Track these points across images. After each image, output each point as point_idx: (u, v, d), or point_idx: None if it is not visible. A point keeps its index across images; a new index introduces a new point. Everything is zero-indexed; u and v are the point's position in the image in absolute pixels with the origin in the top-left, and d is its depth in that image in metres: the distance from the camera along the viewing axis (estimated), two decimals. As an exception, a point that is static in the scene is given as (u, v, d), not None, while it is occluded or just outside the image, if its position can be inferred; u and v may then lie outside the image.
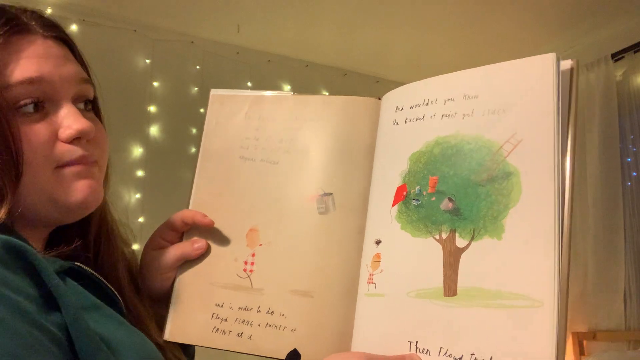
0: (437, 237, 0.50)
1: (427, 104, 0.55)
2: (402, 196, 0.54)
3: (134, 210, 2.62)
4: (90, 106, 0.59)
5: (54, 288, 0.43)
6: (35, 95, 0.52)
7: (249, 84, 3.08)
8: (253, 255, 0.61)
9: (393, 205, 0.54)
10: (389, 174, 0.56)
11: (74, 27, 2.62)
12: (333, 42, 3.10)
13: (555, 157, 0.46)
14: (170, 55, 2.90)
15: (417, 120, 0.55)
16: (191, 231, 0.64)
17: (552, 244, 0.44)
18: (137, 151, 2.75)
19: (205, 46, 2.97)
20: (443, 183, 0.51)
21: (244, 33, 2.94)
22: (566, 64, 0.49)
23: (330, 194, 0.59)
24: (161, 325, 0.63)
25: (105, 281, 0.54)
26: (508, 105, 0.50)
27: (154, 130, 2.83)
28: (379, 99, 0.61)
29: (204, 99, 3.00)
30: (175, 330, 0.61)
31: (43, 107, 0.53)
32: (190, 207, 0.65)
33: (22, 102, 0.51)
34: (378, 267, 0.54)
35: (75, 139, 0.53)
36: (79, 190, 0.54)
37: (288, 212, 0.60)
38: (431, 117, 0.54)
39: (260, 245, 0.61)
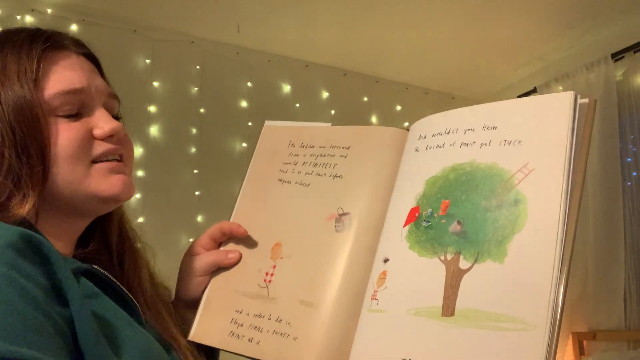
0: (442, 257, 0.52)
1: (449, 132, 0.58)
2: (414, 217, 0.56)
3: (134, 210, 2.62)
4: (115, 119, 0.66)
5: (64, 280, 0.45)
6: (75, 105, 0.58)
7: (249, 84, 3.08)
8: (274, 267, 0.65)
9: (405, 225, 0.56)
10: (405, 197, 0.59)
11: (74, 27, 2.63)
12: (333, 42, 3.10)
13: (564, 187, 0.48)
14: (170, 55, 2.91)
15: (437, 148, 0.58)
16: (227, 243, 0.70)
17: (550, 270, 0.45)
18: (137, 151, 2.75)
19: (205, 46, 2.98)
20: (454, 207, 0.53)
21: (244, 33, 2.94)
22: (583, 100, 0.52)
23: (348, 213, 0.63)
24: (188, 327, 0.67)
25: (120, 285, 0.57)
26: (524, 136, 0.52)
27: (154, 130, 2.83)
28: (407, 129, 0.65)
29: (204, 99, 3.03)
30: (198, 331, 0.66)
31: (79, 112, 0.59)
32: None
33: (62, 110, 0.57)
34: (383, 284, 0.55)
35: (108, 137, 0.60)
36: (114, 183, 0.59)
37: (309, 228, 0.65)
38: (451, 145, 0.57)
39: (281, 258, 0.65)
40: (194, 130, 2.92)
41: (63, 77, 0.58)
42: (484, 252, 0.49)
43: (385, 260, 0.57)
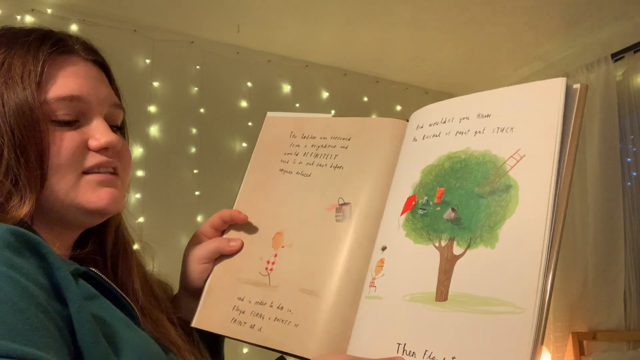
0: (437, 244, 0.52)
1: (444, 122, 0.58)
2: (410, 205, 0.57)
3: (134, 210, 2.62)
4: (117, 130, 0.65)
5: (62, 279, 0.46)
6: (72, 112, 0.58)
7: (249, 84, 3.08)
8: (275, 255, 0.66)
9: (402, 214, 0.57)
10: (402, 186, 0.59)
11: (74, 27, 2.63)
12: (333, 42, 3.10)
13: (553, 172, 0.48)
14: (170, 55, 2.91)
15: (434, 137, 0.59)
16: (229, 232, 0.71)
17: (539, 255, 0.46)
18: (137, 151, 2.75)
19: (205, 46, 2.98)
20: (449, 194, 0.54)
21: (244, 33, 2.94)
22: (575, 86, 0.52)
23: (348, 203, 0.64)
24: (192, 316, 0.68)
25: (117, 289, 0.57)
26: (516, 123, 0.53)
27: (154, 130, 2.83)
28: (407, 120, 0.65)
29: (204, 99, 3.03)
30: (201, 318, 0.67)
31: (77, 120, 0.59)
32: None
33: (59, 115, 0.57)
34: (381, 271, 0.56)
35: (103, 149, 0.59)
36: (101, 196, 0.59)
37: (310, 218, 0.66)
38: (446, 134, 0.58)
39: (282, 247, 0.66)
40: (194, 130, 2.92)
41: (64, 83, 0.58)
42: (477, 238, 0.50)
43: (383, 248, 0.57)
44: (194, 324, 0.67)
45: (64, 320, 0.44)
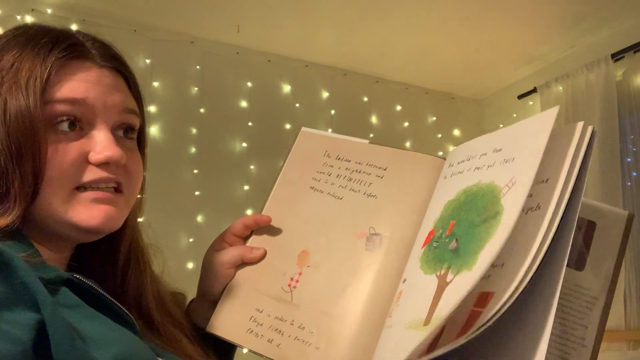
0: (439, 273, 0.53)
1: (469, 159, 0.60)
2: (429, 239, 0.58)
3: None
4: (134, 135, 0.62)
5: (30, 285, 0.43)
6: (73, 115, 0.54)
7: (249, 84, 3.08)
8: (300, 274, 0.66)
9: (422, 247, 0.58)
10: (428, 222, 0.61)
11: (74, 27, 2.62)
12: (333, 42, 3.10)
13: (524, 194, 0.48)
14: (170, 55, 2.91)
15: (459, 174, 0.60)
16: (252, 241, 0.71)
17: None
18: (137, 151, 2.75)
19: (205, 46, 2.98)
20: (457, 226, 0.55)
21: (244, 33, 2.94)
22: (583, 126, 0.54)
23: (379, 234, 0.64)
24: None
25: (107, 295, 0.54)
26: (517, 153, 0.54)
27: (154, 130, 2.83)
28: (444, 159, 0.66)
29: (204, 99, 3.03)
30: (215, 323, 0.66)
31: (80, 128, 0.55)
32: None
33: (59, 119, 0.54)
34: (397, 302, 0.57)
35: (104, 164, 0.55)
36: (93, 215, 0.55)
37: (339, 242, 0.66)
38: (468, 170, 0.59)
39: (308, 266, 0.66)
40: (194, 130, 2.92)
41: (69, 86, 0.54)
42: (464, 264, 0.50)
43: (404, 281, 0.58)
44: (208, 329, 0.66)
45: (25, 327, 0.41)
